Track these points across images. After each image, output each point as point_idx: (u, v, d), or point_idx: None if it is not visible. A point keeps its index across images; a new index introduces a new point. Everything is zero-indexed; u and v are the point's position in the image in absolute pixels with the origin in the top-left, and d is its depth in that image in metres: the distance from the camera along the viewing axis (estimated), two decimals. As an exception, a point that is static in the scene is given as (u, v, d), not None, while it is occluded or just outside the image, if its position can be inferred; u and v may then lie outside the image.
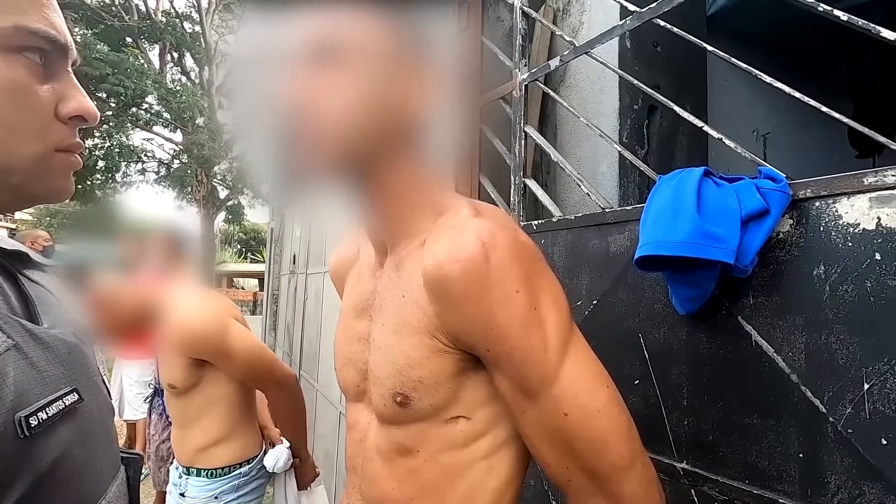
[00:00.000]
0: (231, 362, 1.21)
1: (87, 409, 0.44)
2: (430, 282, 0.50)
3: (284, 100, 0.50)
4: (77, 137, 0.47)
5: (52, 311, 0.47)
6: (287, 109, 0.50)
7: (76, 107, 0.46)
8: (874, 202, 0.56)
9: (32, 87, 0.43)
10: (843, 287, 0.58)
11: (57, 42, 0.44)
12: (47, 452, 0.38)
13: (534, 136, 1.12)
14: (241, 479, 1.25)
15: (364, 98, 0.50)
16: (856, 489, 0.55)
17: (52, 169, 0.45)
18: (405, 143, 0.55)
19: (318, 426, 2.87)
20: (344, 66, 0.50)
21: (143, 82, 10.71)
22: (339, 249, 0.76)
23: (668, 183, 0.71)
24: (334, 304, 2.73)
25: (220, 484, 1.23)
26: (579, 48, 0.99)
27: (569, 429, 0.48)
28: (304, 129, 0.50)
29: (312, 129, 0.50)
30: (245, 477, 1.26)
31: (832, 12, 0.63)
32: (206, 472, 1.23)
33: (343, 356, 0.65)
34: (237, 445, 1.25)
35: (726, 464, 0.67)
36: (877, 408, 0.54)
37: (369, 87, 0.51)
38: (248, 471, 1.27)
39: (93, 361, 0.49)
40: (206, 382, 1.22)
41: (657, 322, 0.78)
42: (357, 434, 0.63)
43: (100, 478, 0.45)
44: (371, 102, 0.51)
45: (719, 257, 0.60)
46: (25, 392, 0.37)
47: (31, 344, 0.40)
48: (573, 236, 0.95)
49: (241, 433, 1.26)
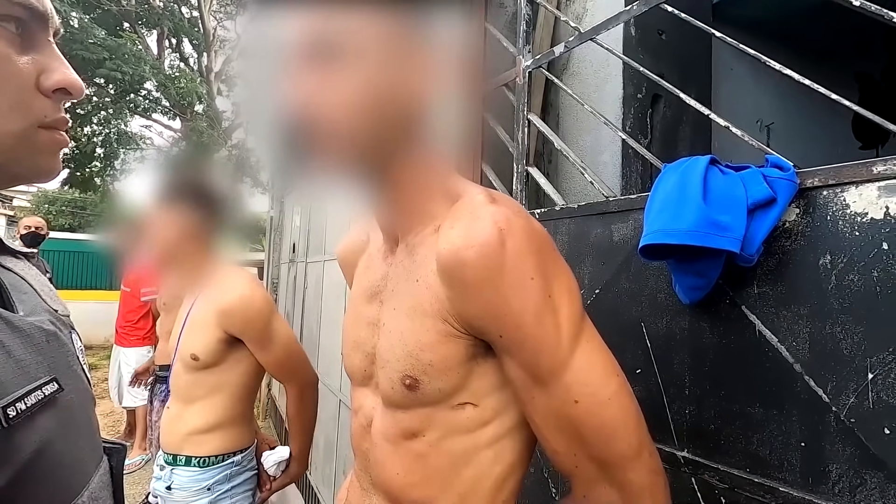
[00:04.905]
0: (268, 348, 1.20)
1: (67, 398, 0.43)
2: (445, 266, 0.50)
3: (290, 98, 0.50)
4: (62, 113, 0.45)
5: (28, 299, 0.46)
6: (293, 108, 0.50)
7: (59, 79, 0.43)
8: (883, 191, 0.55)
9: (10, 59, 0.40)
10: (849, 277, 0.57)
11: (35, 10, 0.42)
12: (27, 444, 0.37)
13: (537, 123, 1.11)
14: (233, 468, 1.23)
15: (370, 92, 0.50)
16: (857, 478, 0.55)
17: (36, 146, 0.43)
18: (414, 132, 0.55)
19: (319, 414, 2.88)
20: (347, 62, 0.49)
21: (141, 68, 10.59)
22: (349, 236, 0.75)
23: (673, 171, 0.71)
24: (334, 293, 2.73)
25: (213, 473, 1.19)
26: (584, 34, 0.97)
27: (578, 416, 0.48)
28: (312, 128, 0.50)
29: (320, 127, 0.50)
30: (237, 466, 1.23)
31: (844, -3, 0.62)
32: (197, 461, 1.19)
33: (351, 341, 0.65)
34: (233, 434, 1.24)
35: (727, 452, 0.68)
36: (880, 397, 0.54)
37: (374, 81, 0.50)
38: (240, 460, 1.24)
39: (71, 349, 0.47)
40: (229, 363, 1.21)
41: (660, 311, 0.78)
42: (362, 419, 0.63)
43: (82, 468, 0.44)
44: (377, 95, 0.50)
45: (725, 246, 0.59)
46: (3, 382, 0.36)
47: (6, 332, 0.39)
48: (576, 225, 0.95)
49: (239, 422, 1.25)
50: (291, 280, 4.06)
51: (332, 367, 2.63)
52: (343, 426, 2.41)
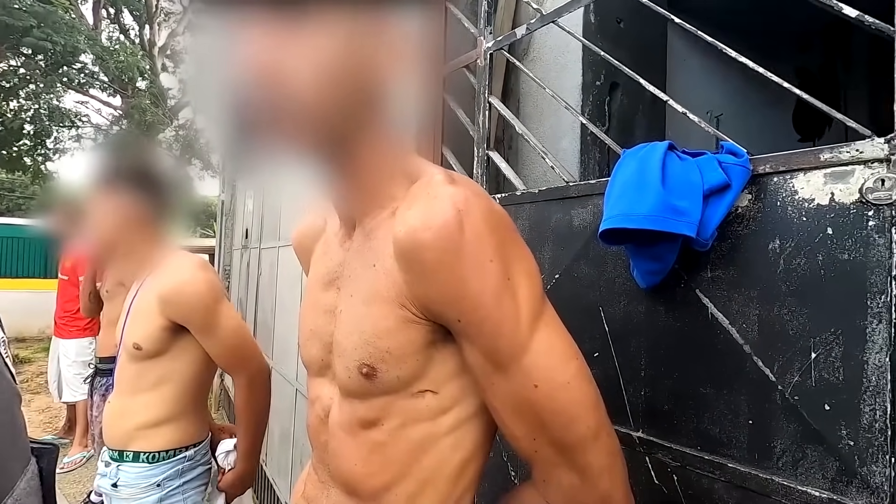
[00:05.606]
0: (214, 335, 1.13)
1: None
2: (402, 249, 0.48)
3: (247, 64, 0.45)
4: None
5: None
6: (251, 75, 0.45)
7: None
8: (828, 178, 0.57)
9: None
10: (796, 261, 0.59)
11: None
12: None
13: (498, 107, 1.10)
14: (185, 462, 1.16)
15: (337, 61, 0.46)
16: (799, 452, 0.58)
17: None
18: (375, 109, 0.51)
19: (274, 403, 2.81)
20: (312, 29, 0.45)
21: (74, 38, 9.81)
22: (304, 221, 0.72)
23: (632, 156, 0.71)
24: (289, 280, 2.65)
25: (164, 469, 1.13)
26: (546, 16, 0.96)
27: (538, 400, 0.48)
28: (270, 98, 0.45)
29: (281, 94, 0.45)
30: (190, 461, 1.17)
31: (797, -13, 0.63)
32: (145, 456, 1.12)
33: (308, 329, 0.62)
34: (185, 427, 1.17)
35: (680, 432, 0.70)
36: (822, 375, 0.56)
37: (342, 50, 0.46)
38: (193, 454, 1.18)
39: None
40: (175, 352, 1.14)
41: (618, 295, 0.79)
42: (319, 409, 0.61)
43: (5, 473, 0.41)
44: (343, 66, 0.47)
45: (682, 231, 0.60)
46: None
47: None
48: (536, 210, 0.94)
49: (191, 415, 1.19)
50: (244, 267, 3.91)
51: (288, 355, 2.56)
52: (300, 416, 2.36)
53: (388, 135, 0.55)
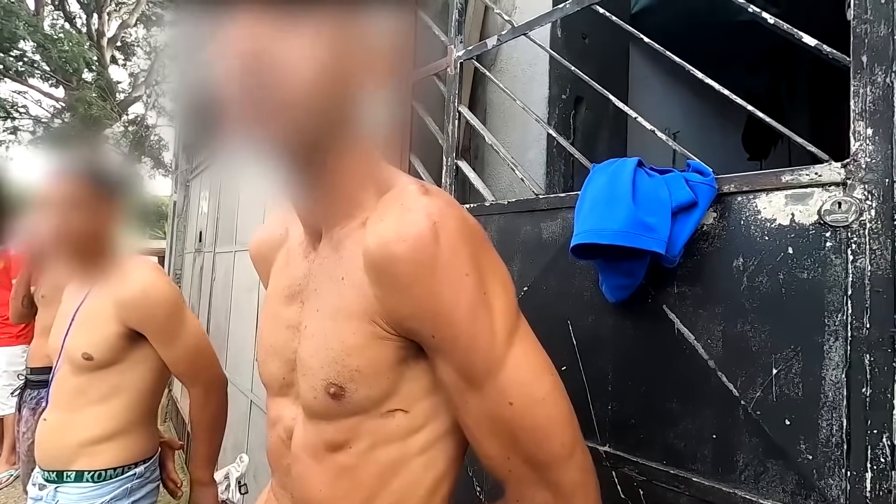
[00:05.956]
0: (174, 344, 1.07)
1: None
2: (374, 262, 0.46)
3: (240, 55, 0.42)
4: None
5: None
6: (243, 66, 0.42)
7: None
8: (789, 199, 0.59)
9: None
10: (758, 278, 0.61)
11: None
12: None
13: (468, 116, 1.09)
14: (134, 480, 1.08)
15: (328, 60, 0.44)
16: (761, 466, 0.59)
17: None
18: (347, 116, 0.49)
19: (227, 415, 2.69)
20: (309, 23, 0.43)
21: (12, 23, 9.18)
22: (263, 229, 0.68)
23: (602, 171, 0.71)
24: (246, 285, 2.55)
25: (111, 488, 1.04)
26: (517, 28, 0.97)
27: (513, 417, 0.46)
28: (261, 92, 0.43)
29: (271, 92, 0.43)
30: (139, 479, 1.09)
31: (760, 14, 0.66)
32: (90, 475, 1.03)
33: (268, 346, 0.59)
34: (135, 442, 1.09)
35: (646, 446, 0.70)
36: (783, 391, 0.58)
37: (334, 49, 0.44)
38: (143, 471, 1.10)
39: None
40: (130, 361, 1.07)
41: (586, 309, 0.79)
42: (281, 431, 0.57)
43: None
44: (333, 66, 0.44)
45: (652, 247, 0.60)
46: None
47: None
48: (505, 221, 0.94)
49: (142, 428, 1.10)
50: (197, 271, 3.74)
51: (243, 364, 2.45)
52: (255, 428, 2.26)
53: (360, 141, 0.53)
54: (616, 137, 1.58)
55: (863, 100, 0.54)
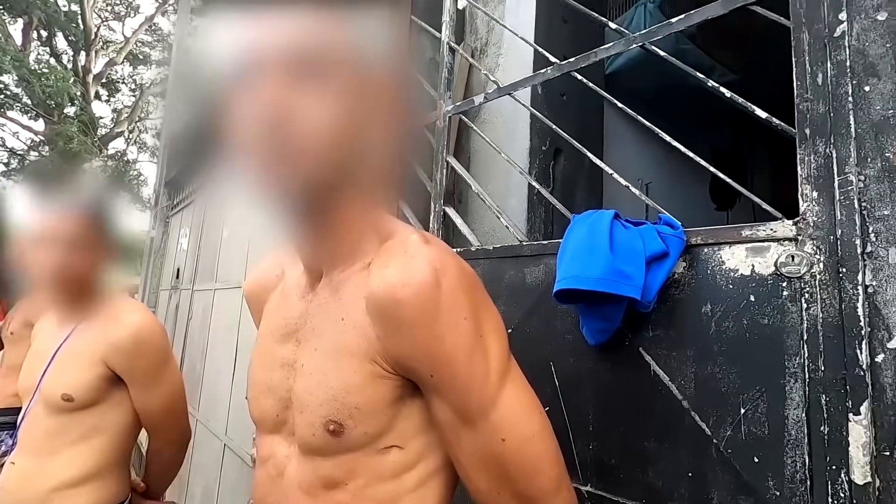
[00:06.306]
0: (152, 391, 1.06)
1: None
2: (378, 304, 0.49)
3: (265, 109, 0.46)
4: None
5: None
6: (266, 120, 0.46)
7: None
8: (749, 252, 0.66)
9: None
10: (724, 324, 0.66)
11: None
12: None
13: (456, 166, 1.16)
14: None
15: (342, 118, 0.48)
16: (734, 503, 0.63)
17: None
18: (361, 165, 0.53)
19: (196, 459, 2.58)
20: (328, 80, 0.48)
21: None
22: (259, 269, 0.71)
23: (582, 222, 0.77)
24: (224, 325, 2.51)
25: None
26: (503, 88, 1.05)
27: (505, 454, 0.49)
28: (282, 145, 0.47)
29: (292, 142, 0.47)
30: None
31: (719, 89, 0.74)
32: None
33: (260, 384, 0.60)
34: (110, 485, 1.05)
35: (626, 485, 0.73)
36: (751, 430, 0.62)
37: (347, 108, 0.49)
38: None
39: None
40: (108, 403, 1.04)
41: (567, 352, 0.83)
42: (272, 468, 0.58)
43: None
44: (347, 123, 0.49)
45: (629, 293, 0.66)
46: None
47: None
48: (490, 266, 0.99)
49: (117, 470, 1.07)
50: (172, 309, 3.66)
51: (217, 406, 2.38)
52: (226, 473, 2.18)
53: (366, 191, 0.57)
54: (593, 187, 1.68)
55: (808, 166, 0.62)
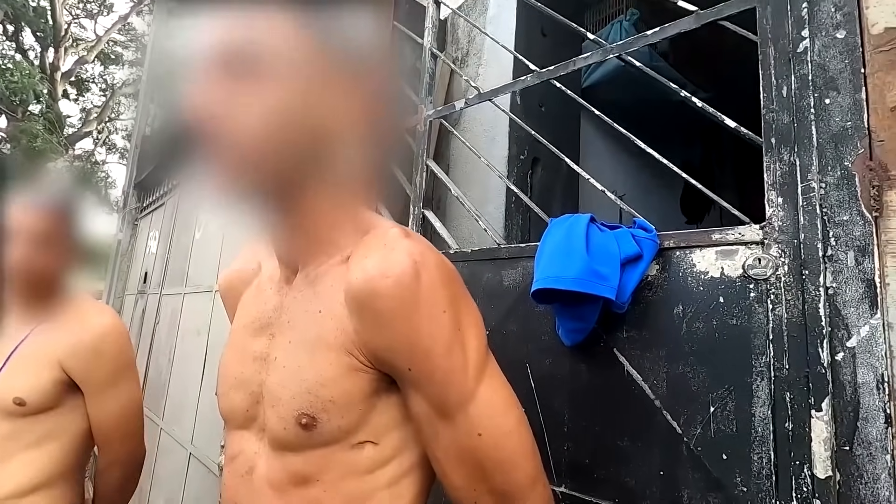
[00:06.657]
0: (110, 401, 1.01)
1: None
2: (357, 296, 0.49)
3: (195, 108, 0.47)
4: None
5: None
6: (196, 119, 0.47)
7: None
8: (719, 255, 0.68)
9: None
10: (695, 324, 0.68)
11: None
12: None
13: (436, 170, 1.16)
14: None
15: (282, 115, 0.48)
16: (703, 500, 0.64)
17: None
18: (326, 161, 0.53)
19: (158, 469, 2.49)
20: (262, 79, 0.48)
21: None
22: (236, 263, 0.70)
23: (559, 225, 0.79)
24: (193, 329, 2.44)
25: None
26: (483, 94, 1.06)
27: (481, 448, 0.49)
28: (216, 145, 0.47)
29: (221, 146, 0.47)
30: None
31: (691, 98, 0.77)
32: None
33: (231, 378, 0.59)
34: (63, 494, 1.00)
35: (600, 485, 0.74)
36: (720, 428, 0.64)
37: (288, 103, 0.49)
38: None
39: None
40: (64, 409, 0.99)
41: (543, 352, 0.84)
42: (241, 466, 0.56)
43: None
44: (291, 119, 0.49)
45: (604, 293, 0.67)
46: None
47: None
48: (468, 268, 0.99)
49: (71, 479, 1.02)
50: (138, 314, 3.55)
51: (183, 414, 2.31)
52: (191, 483, 2.11)
53: (339, 186, 0.57)
54: (569, 195, 1.71)
55: (773, 173, 0.64)
